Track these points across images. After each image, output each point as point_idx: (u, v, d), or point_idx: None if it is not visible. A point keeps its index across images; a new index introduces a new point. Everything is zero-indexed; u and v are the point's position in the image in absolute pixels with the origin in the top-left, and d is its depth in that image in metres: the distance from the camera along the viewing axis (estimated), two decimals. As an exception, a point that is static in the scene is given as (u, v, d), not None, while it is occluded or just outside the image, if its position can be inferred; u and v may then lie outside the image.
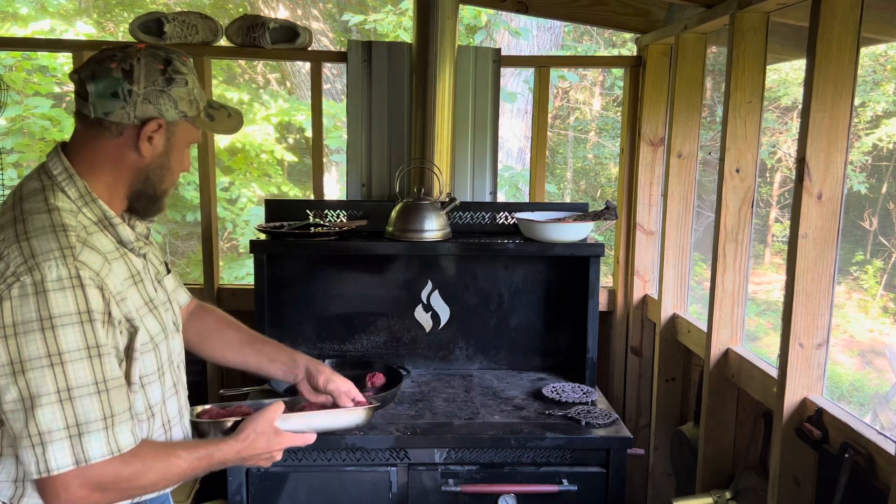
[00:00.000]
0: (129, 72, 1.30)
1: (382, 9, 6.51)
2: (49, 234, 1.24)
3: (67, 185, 1.32)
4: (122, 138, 1.33)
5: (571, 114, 9.23)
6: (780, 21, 2.10)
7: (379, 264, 2.67)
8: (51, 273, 1.20)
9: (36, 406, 1.19)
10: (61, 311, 1.20)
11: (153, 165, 1.37)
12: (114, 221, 1.36)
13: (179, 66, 1.36)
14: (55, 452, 1.20)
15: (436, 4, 2.49)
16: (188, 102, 1.37)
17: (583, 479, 2.17)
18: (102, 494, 1.25)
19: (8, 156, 5.37)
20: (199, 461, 1.37)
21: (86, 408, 1.21)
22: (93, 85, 1.30)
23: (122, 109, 1.30)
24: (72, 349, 1.20)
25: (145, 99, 1.31)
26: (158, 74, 1.32)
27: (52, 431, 1.19)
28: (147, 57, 1.32)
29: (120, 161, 1.35)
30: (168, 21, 2.66)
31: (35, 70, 5.47)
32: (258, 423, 1.46)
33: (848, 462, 1.57)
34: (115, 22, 7.70)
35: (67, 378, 1.20)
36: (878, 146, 7.63)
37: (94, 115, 1.31)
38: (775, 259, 8.59)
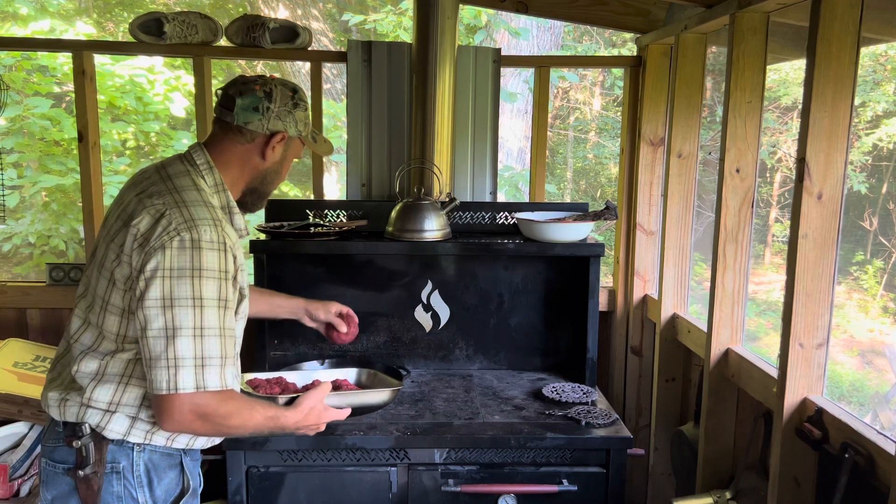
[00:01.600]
0: (270, 94, 1.65)
1: (382, 9, 6.51)
2: (203, 206, 1.55)
3: (207, 174, 1.64)
4: (253, 144, 1.67)
5: (571, 114, 9.23)
6: (780, 21, 2.10)
7: (379, 264, 2.67)
8: (206, 235, 1.50)
9: (177, 336, 1.46)
10: (209, 266, 1.49)
11: (270, 170, 1.71)
12: (233, 210, 1.67)
13: (302, 95, 1.72)
14: (184, 375, 1.46)
15: (436, 4, 2.49)
16: (304, 124, 1.73)
17: (583, 479, 2.17)
18: (202, 423, 1.51)
19: (8, 156, 5.37)
20: (269, 420, 1.62)
21: (211, 345, 1.49)
22: (241, 99, 1.63)
23: (259, 121, 1.64)
24: (210, 297, 1.49)
25: (277, 116, 1.65)
26: (289, 99, 1.67)
27: (185, 358, 1.46)
28: (281, 85, 1.67)
29: (246, 162, 1.68)
30: (168, 21, 2.66)
31: (35, 70, 5.46)
32: (313, 398, 1.74)
33: (848, 462, 1.57)
34: (115, 22, 7.70)
35: (204, 319, 1.48)
36: (878, 146, 7.63)
37: (236, 122, 1.64)
38: (775, 259, 8.59)
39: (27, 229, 5.79)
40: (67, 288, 2.89)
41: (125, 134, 5.92)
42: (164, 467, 1.63)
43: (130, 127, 5.83)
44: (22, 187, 5.58)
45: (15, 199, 5.35)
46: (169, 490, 1.65)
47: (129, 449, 1.59)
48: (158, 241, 1.47)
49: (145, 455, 1.60)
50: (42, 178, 5.52)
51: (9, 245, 5.86)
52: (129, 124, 5.81)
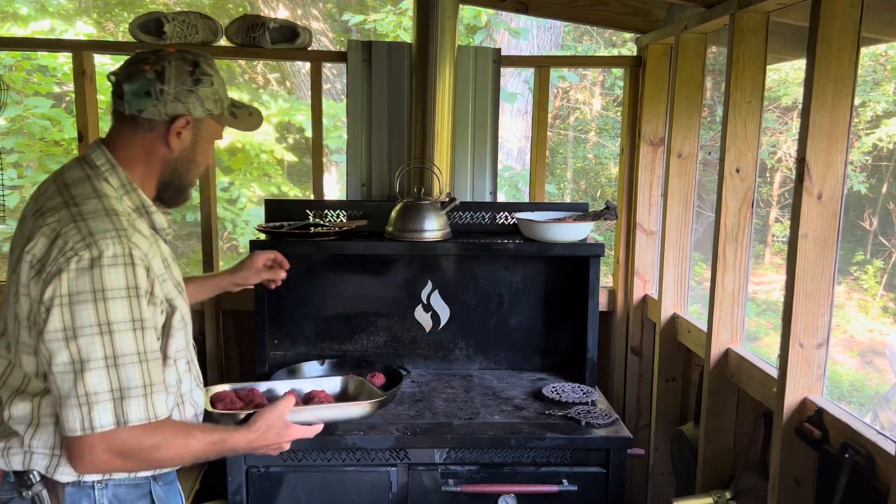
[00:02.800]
0: (161, 73, 1.43)
1: (382, 9, 6.51)
2: (104, 217, 1.36)
3: (110, 175, 1.46)
4: (154, 133, 1.47)
5: (571, 114, 9.23)
6: (780, 21, 2.10)
7: (379, 264, 2.67)
8: (107, 250, 1.32)
9: (85, 369, 1.29)
10: (113, 285, 1.31)
11: (181, 158, 1.51)
12: (150, 209, 1.49)
13: (206, 68, 1.49)
14: (99, 412, 1.30)
15: (436, 4, 2.49)
16: (213, 101, 1.50)
17: (583, 479, 2.17)
18: (122, 461, 1.35)
19: (8, 156, 5.37)
20: (213, 445, 1.46)
21: (129, 375, 1.32)
22: (128, 85, 1.43)
23: (154, 107, 1.44)
24: (120, 320, 1.32)
25: (175, 98, 1.44)
26: (187, 76, 1.45)
27: (98, 393, 1.30)
28: (177, 60, 1.45)
29: (152, 154, 1.48)
30: (168, 21, 2.66)
31: (35, 70, 5.46)
32: (270, 416, 1.57)
33: (848, 462, 1.57)
34: (115, 22, 7.70)
35: (115, 346, 1.31)
36: (878, 146, 7.63)
37: (129, 111, 1.44)
38: (775, 259, 8.59)
39: (27, 229, 5.77)
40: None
41: (125, 134, 5.90)
42: (131, 500, 1.48)
43: (130, 127, 5.81)
44: (22, 187, 5.58)
45: (15, 199, 5.34)
46: None
47: (88, 489, 1.43)
48: (55, 266, 1.30)
49: (108, 492, 1.45)
50: (42, 178, 5.49)
51: (8, 245, 5.85)
52: (129, 124, 5.79)
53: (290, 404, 1.61)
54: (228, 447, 1.50)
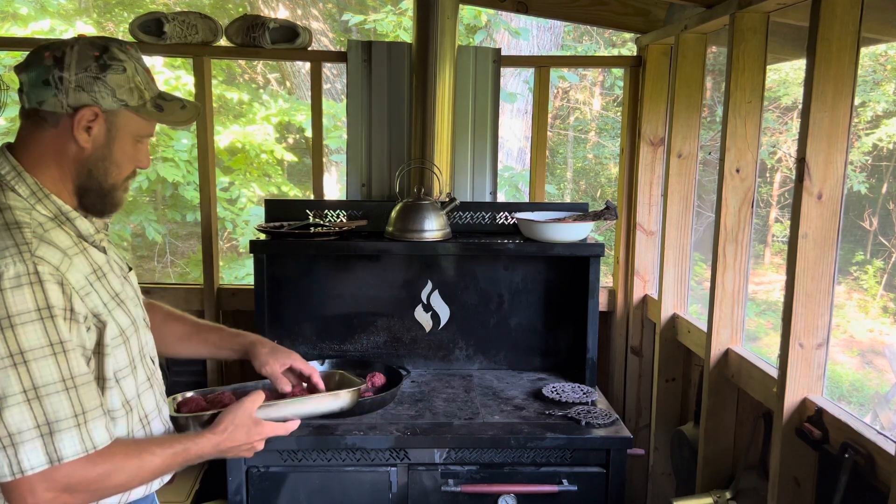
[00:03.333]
0: (60, 59, 1.27)
1: (382, 9, 6.51)
2: (3, 232, 1.21)
3: (17, 184, 1.29)
4: (60, 129, 1.29)
5: (571, 114, 9.23)
6: (780, 21, 2.10)
7: (379, 264, 2.67)
8: (7, 271, 1.17)
9: (3, 407, 1.16)
10: (20, 309, 1.17)
11: (94, 157, 1.33)
12: (70, 215, 1.33)
13: (117, 52, 1.31)
14: (27, 452, 1.17)
15: (436, 4, 2.49)
16: (128, 91, 1.32)
17: (583, 479, 2.17)
18: (71, 496, 1.22)
19: (8, 156, 5.36)
20: (175, 457, 1.35)
21: (55, 406, 1.19)
22: (25, 74, 1.28)
23: (55, 98, 1.27)
24: (34, 347, 1.17)
25: (77, 86, 1.27)
26: (91, 61, 1.28)
27: (22, 432, 1.16)
28: (83, 45, 1.29)
29: (62, 154, 1.31)
30: (168, 21, 2.66)
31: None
32: (236, 414, 1.45)
33: (848, 462, 1.57)
34: (115, 22, 7.70)
35: (33, 377, 1.17)
36: (878, 146, 7.63)
37: (29, 105, 1.29)
38: (775, 259, 8.59)
39: (27, 229, 5.77)
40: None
41: (125, 134, 5.91)
42: None
43: (130, 127, 5.81)
44: (22, 187, 5.57)
45: (15, 199, 5.34)
46: None
47: None
48: None
49: None
50: (42, 178, 5.51)
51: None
52: (129, 124, 5.80)
53: (259, 400, 1.49)
54: (193, 454, 1.38)
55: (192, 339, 1.74)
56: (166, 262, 7.78)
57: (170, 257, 7.83)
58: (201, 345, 1.75)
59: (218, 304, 2.90)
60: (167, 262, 7.79)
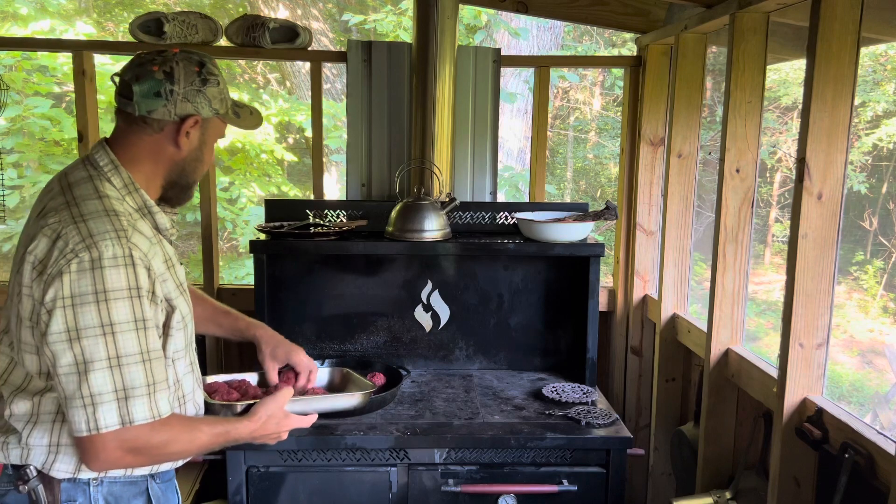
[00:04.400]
0: (170, 74, 1.44)
1: (382, 9, 6.51)
2: (104, 218, 1.37)
3: (113, 175, 1.46)
4: (163, 133, 1.47)
5: (571, 114, 9.23)
6: (780, 21, 2.10)
7: (379, 264, 2.67)
8: (107, 251, 1.33)
9: (89, 370, 1.31)
10: (115, 286, 1.33)
11: (189, 158, 1.51)
12: (152, 209, 1.49)
13: (211, 67, 1.50)
14: (104, 412, 1.32)
15: (436, 4, 2.49)
16: (220, 101, 1.51)
17: (583, 479, 2.17)
18: (134, 457, 1.38)
19: (8, 156, 5.37)
20: (218, 437, 1.50)
21: (133, 374, 1.34)
22: (137, 86, 1.43)
23: (164, 108, 1.44)
24: (122, 321, 1.33)
25: (184, 98, 1.45)
26: (195, 76, 1.47)
27: (102, 394, 1.32)
28: (184, 60, 1.46)
29: (159, 154, 1.49)
30: (168, 21, 2.66)
31: (35, 70, 5.46)
32: (270, 406, 1.59)
33: (848, 462, 1.57)
34: (115, 22, 7.70)
35: (118, 347, 1.33)
36: (878, 146, 7.63)
37: (139, 112, 1.44)
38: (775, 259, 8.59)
39: (27, 229, 5.77)
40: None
41: (125, 134, 5.91)
42: (127, 497, 1.50)
43: (130, 127, 5.81)
44: (22, 187, 5.58)
45: (15, 199, 5.35)
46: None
47: (83, 485, 1.45)
48: (55, 268, 1.32)
49: (104, 489, 1.47)
50: (42, 178, 5.52)
51: (9, 245, 5.85)
52: (129, 124, 5.80)
53: (289, 395, 1.65)
54: (231, 437, 1.53)
55: (210, 322, 1.93)
56: (166, 262, 7.76)
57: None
58: (216, 327, 1.95)
59: (218, 304, 2.89)
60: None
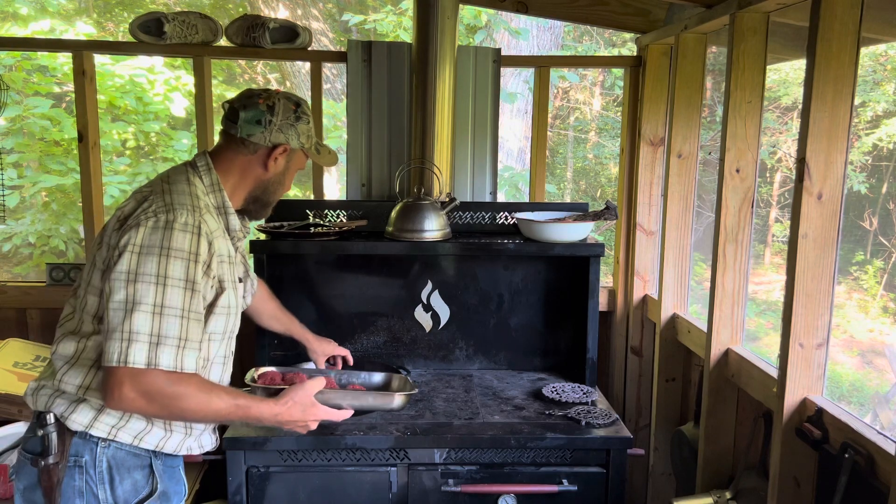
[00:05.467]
0: (272, 107, 1.69)
1: (382, 9, 6.51)
2: (186, 195, 1.61)
3: (205, 174, 1.70)
4: (256, 156, 1.72)
5: (571, 114, 9.23)
6: (780, 21, 2.10)
7: (379, 264, 2.67)
8: (181, 217, 1.54)
9: (135, 310, 1.47)
10: (179, 246, 1.51)
11: (273, 180, 1.76)
12: (229, 210, 1.71)
13: (305, 108, 1.76)
14: (136, 350, 1.46)
15: (436, 4, 2.49)
16: (307, 137, 1.76)
17: (583, 479, 2.17)
18: (147, 403, 1.49)
19: (8, 156, 5.37)
20: (237, 408, 1.59)
21: (170, 325, 1.49)
22: (244, 113, 1.68)
23: (262, 134, 1.69)
24: (176, 276, 1.50)
25: (279, 129, 1.70)
26: (291, 112, 1.72)
27: (139, 332, 1.47)
28: (284, 99, 1.72)
29: (248, 172, 1.73)
30: (168, 21, 2.66)
31: (35, 70, 5.46)
32: (298, 392, 1.69)
33: (848, 462, 1.57)
34: (115, 22, 7.70)
35: (165, 297, 1.49)
36: (878, 146, 7.63)
37: (240, 135, 1.69)
38: (775, 259, 8.59)
39: (27, 229, 5.79)
40: (67, 288, 2.89)
41: (125, 134, 5.92)
42: (129, 466, 1.60)
43: (130, 127, 5.83)
44: (22, 187, 5.58)
45: (15, 199, 5.35)
46: (132, 490, 1.61)
47: (92, 443, 1.57)
48: (135, 220, 1.53)
49: (109, 451, 1.58)
50: (42, 178, 5.52)
51: (9, 245, 5.86)
52: (129, 124, 5.81)
53: (320, 384, 1.73)
54: (253, 414, 1.62)
55: (274, 319, 2.24)
56: (166, 262, 7.76)
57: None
58: (277, 323, 2.24)
59: (218, 304, 2.90)
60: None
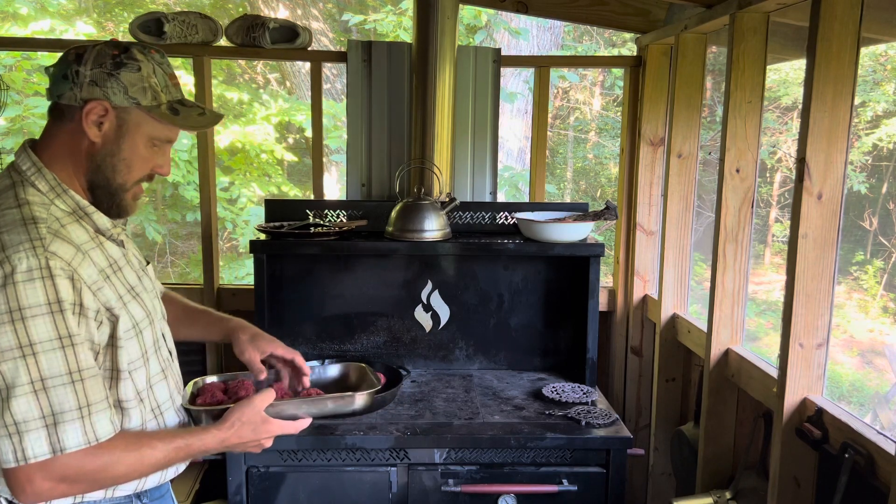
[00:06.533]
0: (81, 55, 1.32)
1: (382, 9, 6.51)
2: (19, 227, 1.25)
3: (37, 179, 1.33)
4: (74, 122, 1.33)
5: (571, 114, 9.23)
6: (780, 21, 2.10)
7: (379, 264, 2.67)
8: (20, 265, 1.21)
9: (11, 397, 1.20)
10: (31, 303, 1.20)
11: (104, 153, 1.35)
12: (88, 210, 1.37)
13: (136, 53, 1.35)
14: (31, 441, 1.21)
15: (436, 4, 2.49)
16: (141, 90, 1.34)
17: (583, 479, 2.17)
18: (69, 486, 1.26)
19: (8, 156, 5.36)
20: (177, 451, 1.37)
21: (60, 398, 1.22)
22: (52, 69, 1.34)
23: (71, 91, 1.32)
24: (43, 339, 1.21)
25: (91, 81, 1.31)
26: (108, 59, 1.32)
27: (27, 421, 1.20)
28: (106, 45, 1.34)
29: (76, 148, 1.35)
30: (168, 21, 2.66)
31: (35, 70, 5.47)
32: (244, 411, 1.46)
33: (848, 462, 1.57)
34: (115, 22, 7.70)
35: (41, 368, 1.21)
36: (878, 146, 7.63)
37: (50, 99, 1.35)
38: (775, 259, 8.59)
39: (27, 229, 5.77)
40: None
41: (125, 134, 5.91)
42: None
43: (130, 127, 5.82)
44: (22, 187, 5.57)
45: (15, 199, 5.34)
46: None
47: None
48: None
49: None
50: (42, 178, 5.52)
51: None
52: (129, 124, 5.80)
53: (269, 398, 1.50)
54: (195, 449, 1.39)
55: (183, 322, 1.75)
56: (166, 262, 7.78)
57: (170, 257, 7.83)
58: (191, 327, 1.77)
59: (218, 304, 2.90)
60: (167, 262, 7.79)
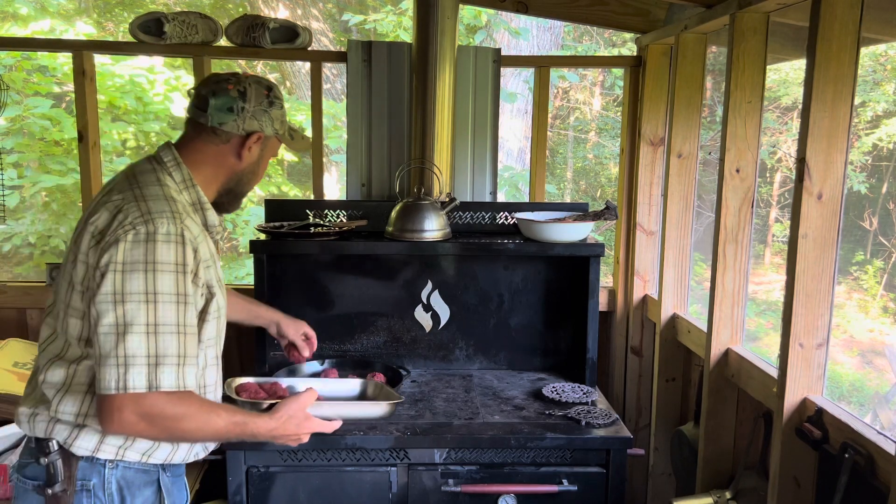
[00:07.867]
0: (244, 93, 1.61)
1: (382, 9, 6.51)
2: (161, 201, 1.51)
3: (174, 171, 1.61)
4: (229, 145, 1.63)
5: (571, 114, 9.23)
6: (780, 21, 2.10)
7: (379, 264, 2.67)
8: (162, 227, 1.45)
9: (128, 332, 1.40)
10: (164, 259, 1.43)
11: (247, 170, 1.68)
12: (205, 206, 1.63)
13: (278, 92, 1.68)
14: (134, 375, 1.40)
15: (436, 4, 2.49)
16: (280, 122, 1.68)
17: (583, 479, 2.17)
18: (148, 425, 1.43)
19: (8, 156, 5.37)
20: (235, 426, 1.54)
21: (167, 343, 1.43)
22: (213, 100, 1.59)
23: (234, 122, 1.60)
24: (165, 291, 1.43)
25: (253, 116, 1.62)
26: (264, 98, 1.64)
27: (136, 356, 1.40)
28: (255, 83, 1.64)
29: (221, 163, 1.64)
30: (168, 21, 2.66)
31: (35, 70, 5.47)
32: (292, 406, 1.64)
33: (848, 462, 1.57)
34: (115, 22, 7.70)
35: (157, 315, 1.42)
36: (878, 146, 7.63)
37: (211, 123, 1.60)
38: (775, 259, 8.59)
39: (27, 229, 5.79)
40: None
41: (125, 134, 5.92)
42: (138, 484, 1.57)
43: (130, 127, 5.83)
44: (22, 187, 5.58)
45: (15, 199, 5.35)
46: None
47: (100, 466, 1.52)
48: (113, 236, 1.43)
49: (118, 472, 1.54)
50: (42, 178, 5.53)
51: (9, 245, 5.86)
52: (130, 124, 5.81)
53: (313, 398, 1.68)
54: (249, 431, 1.56)
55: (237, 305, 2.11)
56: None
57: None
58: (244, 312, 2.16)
59: (218, 304, 2.90)
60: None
